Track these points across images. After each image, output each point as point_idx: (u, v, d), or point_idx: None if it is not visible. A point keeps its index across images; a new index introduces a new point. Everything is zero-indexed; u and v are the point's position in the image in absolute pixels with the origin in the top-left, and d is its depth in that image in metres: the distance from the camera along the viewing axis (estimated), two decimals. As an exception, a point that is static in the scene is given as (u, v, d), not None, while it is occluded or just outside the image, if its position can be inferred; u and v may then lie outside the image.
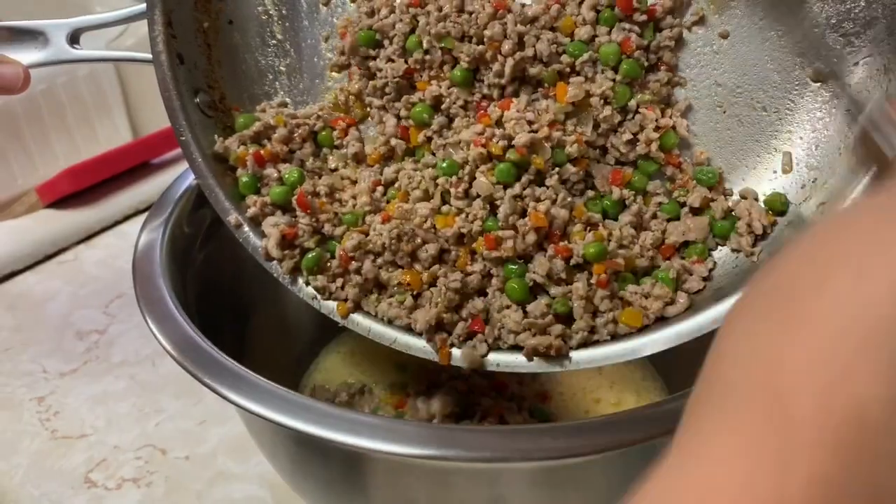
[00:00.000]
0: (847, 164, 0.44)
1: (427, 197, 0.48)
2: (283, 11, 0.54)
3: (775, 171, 0.47)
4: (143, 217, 0.82)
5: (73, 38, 0.55)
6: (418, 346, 0.47)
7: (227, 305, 0.55)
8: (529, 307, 0.45)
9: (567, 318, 0.46)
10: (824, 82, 0.45)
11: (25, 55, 0.54)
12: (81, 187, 0.82)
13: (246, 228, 0.50)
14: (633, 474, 0.42)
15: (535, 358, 0.45)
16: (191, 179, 0.54)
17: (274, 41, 0.55)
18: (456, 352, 0.47)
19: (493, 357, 0.46)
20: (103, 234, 0.82)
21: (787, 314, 0.23)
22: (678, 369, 0.55)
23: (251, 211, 0.49)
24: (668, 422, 0.38)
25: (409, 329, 0.47)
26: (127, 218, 0.84)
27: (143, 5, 0.50)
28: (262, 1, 0.54)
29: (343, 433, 0.37)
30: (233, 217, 0.49)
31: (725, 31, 0.47)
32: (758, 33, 0.46)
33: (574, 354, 0.45)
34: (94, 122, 1.12)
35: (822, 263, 0.23)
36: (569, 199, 0.46)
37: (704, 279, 0.47)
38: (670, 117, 0.48)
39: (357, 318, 0.48)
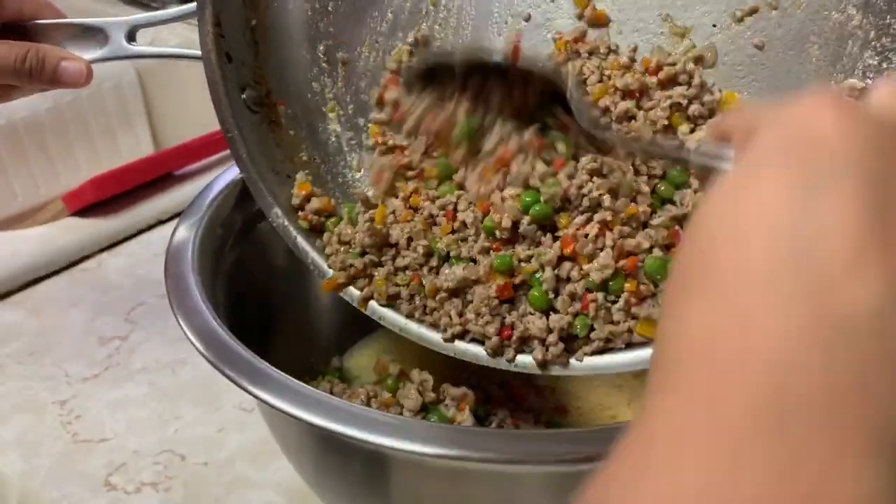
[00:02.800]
0: None
1: None
2: (329, 7, 0.55)
3: None
4: (164, 227, 0.84)
5: (130, 36, 0.58)
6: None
7: (254, 305, 0.56)
8: (552, 320, 0.46)
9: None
10: (859, 98, 0.45)
11: (88, 51, 0.58)
12: (106, 196, 0.83)
13: (286, 223, 0.52)
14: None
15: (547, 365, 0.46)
16: (223, 184, 0.55)
17: (321, 36, 0.56)
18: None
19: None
20: (126, 242, 0.83)
21: (697, 283, 0.24)
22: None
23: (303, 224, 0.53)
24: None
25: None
26: (150, 227, 0.84)
27: (194, 4, 0.52)
28: None
29: (365, 431, 0.37)
30: (276, 211, 0.52)
31: (761, 41, 0.47)
32: (795, 44, 0.46)
33: (587, 360, 0.46)
34: (117, 134, 1.14)
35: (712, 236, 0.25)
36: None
37: None
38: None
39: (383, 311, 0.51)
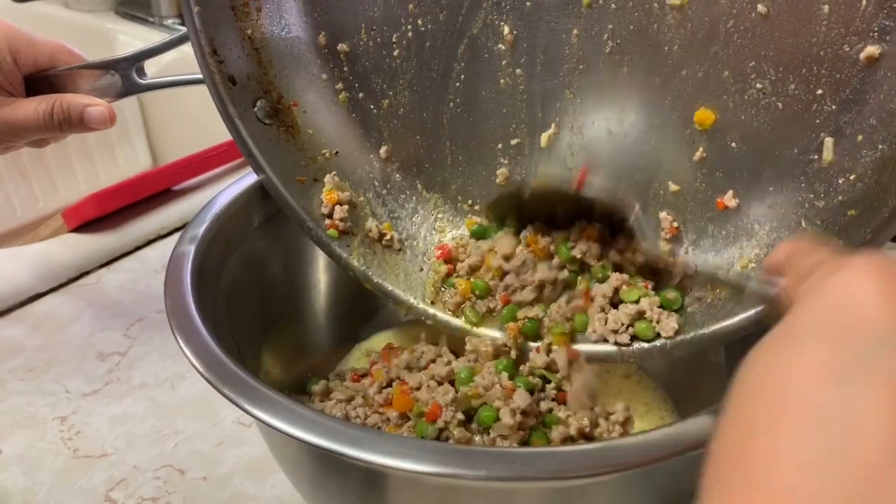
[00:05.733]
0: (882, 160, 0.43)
1: None
2: None
3: (815, 158, 0.46)
4: (163, 242, 0.85)
5: (139, 70, 0.62)
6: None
7: (251, 320, 0.57)
8: None
9: None
10: (872, 66, 0.43)
11: (106, 92, 0.62)
12: (105, 212, 0.84)
13: (320, 234, 0.57)
14: (641, 498, 0.44)
15: None
16: (224, 200, 0.57)
17: (318, 26, 0.58)
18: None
19: None
20: (125, 258, 0.83)
21: (733, 476, 0.24)
22: (684, 385, 0.57)
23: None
24: (680, 444, 0.39)
25: None
26: (148, 243, 0.85)
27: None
28: None
29: (361, 450, 0.38)
30: (309, 225, 0.56)
31: (765, 7, 0.45)
32: (802, 6, 0.44)
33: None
34: (116, 148, 1.15)
35: (749, 428, 0.25)
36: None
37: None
38: None
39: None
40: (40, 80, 0.63)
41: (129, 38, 1.24)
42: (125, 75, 0.62)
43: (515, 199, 0.55)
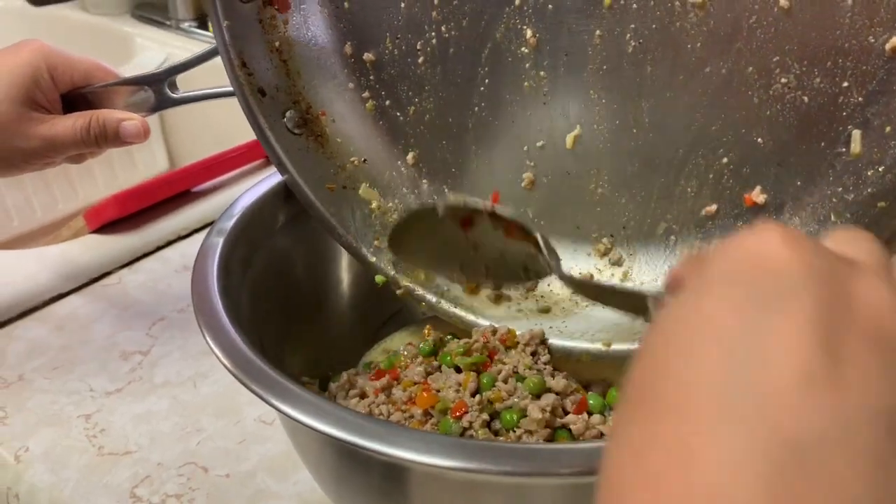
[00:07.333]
0: None
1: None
2: (345, 6, 0.58)
3: (843, 151, 0.46)
4: (183, 243, 0.86)
5: (171, 84, 0.64)
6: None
7: (274, 318, 0.57)
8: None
9: None
10: None
11: (140, 107, 0.64)
12: (126, 213, 0.85)
13: (352, 241, 0.58)
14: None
15: None
16: (251, 198, 0.58)
17: (344, 37, 0.58)
18: None
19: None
20: (146, 259, 0.84)
21: (646, 405, 0.24)
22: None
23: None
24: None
25: None
26: (169, 243, 0.86)
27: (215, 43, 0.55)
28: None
29: (386, 444, 0.38)
30: (339, 231, 0.58)
31: (787, 2, 0.45)
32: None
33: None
34: (134, 151, 1.17)
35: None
36: None
37: None
38: None
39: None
40: (77, 98, 0.65)
41: (147, 41, 1.25)
42: (158, 90, 0.63)
43: (428, 222, 0.55)
